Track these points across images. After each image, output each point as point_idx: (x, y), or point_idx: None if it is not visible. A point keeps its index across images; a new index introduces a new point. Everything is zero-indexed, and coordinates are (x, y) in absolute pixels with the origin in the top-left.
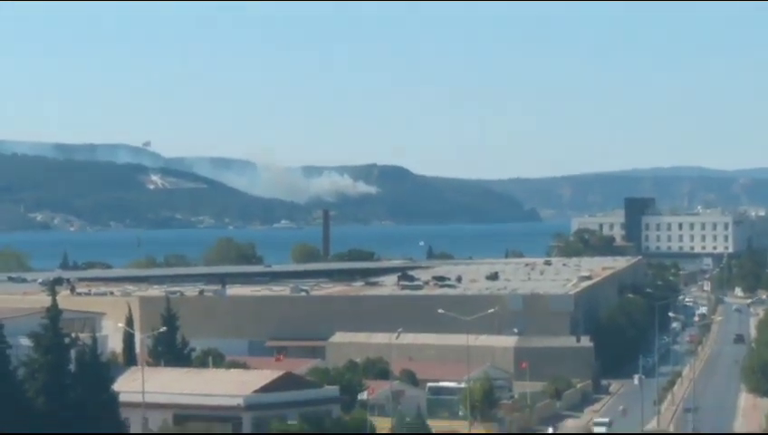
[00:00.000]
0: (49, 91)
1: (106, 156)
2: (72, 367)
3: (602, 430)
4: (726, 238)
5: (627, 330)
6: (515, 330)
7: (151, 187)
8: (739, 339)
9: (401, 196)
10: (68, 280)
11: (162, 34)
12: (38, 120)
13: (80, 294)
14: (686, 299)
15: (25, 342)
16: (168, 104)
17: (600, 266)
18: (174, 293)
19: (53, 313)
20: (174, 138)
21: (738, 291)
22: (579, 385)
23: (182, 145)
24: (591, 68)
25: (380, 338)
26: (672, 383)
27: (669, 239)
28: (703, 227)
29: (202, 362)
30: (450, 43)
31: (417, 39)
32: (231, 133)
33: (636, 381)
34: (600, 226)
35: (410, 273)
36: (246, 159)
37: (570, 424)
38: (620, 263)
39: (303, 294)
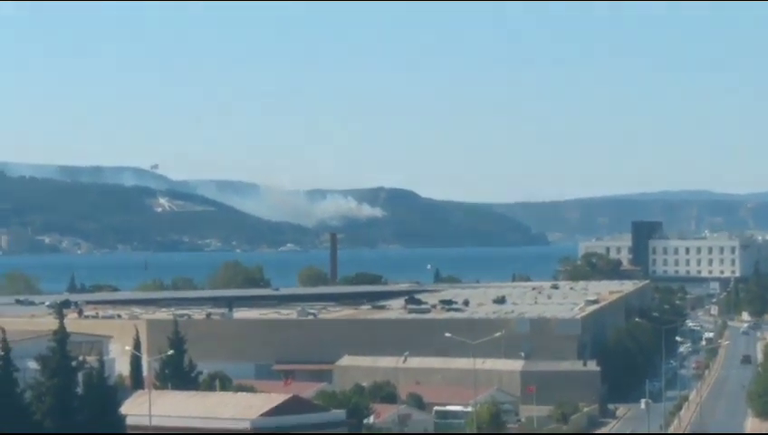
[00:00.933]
0: (56, 113)
1: (113, 178)
2: (80, 390)
3: None
4: (733, 262)
5: (634, 354)
6: (522, 354)
7: (158, 209)
8: (746, 360)
9: (408, 219)
10: (75, 303)
11: (167, 57)
12: (45, 143)
13: (87, 317)
14: (693, 323)
15: (33, 365)
16: (174, 127)
17: (607, 290)
18: (181, 316)
19: (61, 336)
20: (179, 161)
21: (745, 315)
22: (585, 409)
23: (187, 168)
24: (599, 91)
25: (387, 362)
26: (679, 408)
27: (676, 263)
28: (710, 251)
29: (209, 386)
30: (457, 66)
31: (425, 62)
32: (237, 156)
33: (643, 405)
34: (608, 249)
35: (417, 296)
36: (253, 182)
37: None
38: (627, 287)
39: (311, 317)
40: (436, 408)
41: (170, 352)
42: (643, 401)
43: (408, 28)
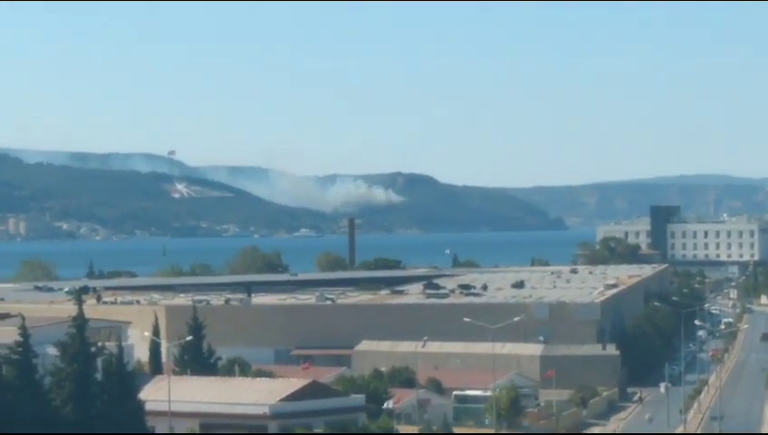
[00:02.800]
0: (74, 101)
1: (129, 165)
2: (99, 376)
3: None
4: (752, 246)
5: (653, 338)
6: (541, 338)
7: (176, 195)
8: (765, 338)
9: (427, 204)
10: (94, 289)
11: (184, 45)
12: (63, 130)
13: (106, 302)
14: (712, 307)
15: (52, 351)
16: (187, 114)
17: (625, 274)
18: (200, 301)
19: (80, 322)
20: (191, 147)
21: (764, 299)
22: (605, 393)
23: (202, 154)
24: (616, 76)
25: (406, 346)
26: (698, 391)
27: (695, 247)
28: (728, 234)
29: (228, 371)
30: (475, 53)
31: (441, 48)
32: (254, 142)
33: (662, 389)
34: (626, 234)
35: (436, 281)
36: (266, 167)
37: (596, 432)
38: (646, 271)
39: (329, 302)
40: (455, 392)
41: (189, 337)
42: (662, 384)
43: (425, 11)
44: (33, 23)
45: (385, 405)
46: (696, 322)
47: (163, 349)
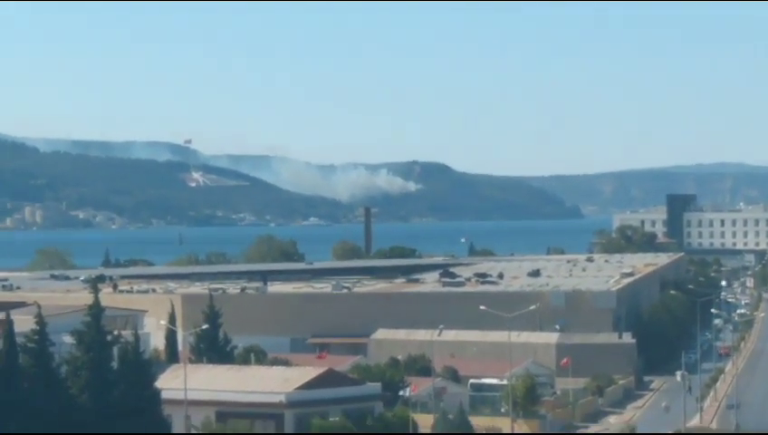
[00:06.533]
0: (90, 89)
1: (145, 153)
2: (115, 364)
3: None
4: None
5: (669, 326)
6: (557, 326)
7: (192, 184)
8: None
9: (443, 193)
10: (110, 278)
11: (191, 34)
12: (79, 118)
13: (122, 291)
14: (728, 296)
15: (68, 339)
16: (198, 103)
17: (641, 263)
18: (216, 290)
19: (96, 310)
20: (203, 136)
21: None
22: (621, 382)
23: (211, 144)
24: (633, 64)
25: (422, 335)
26: (714, 380)
27: (711, 236)
28: (745, 223)
29: (244, 359)
30: (491, 40)
31: (456, 35)
32: (268, 130)
33: (678, 377)
34: (642, 222)
35: (452, 270)
36: (284, 156)
37: (612, 421)
38: (662, 259)
39: (345, 291)
40: (471, 381)
41: (205, 326)
42: (679, 373)
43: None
44: (54, 17)
45: (401, 393)
46: (713, 310)
47: (179, 337)
